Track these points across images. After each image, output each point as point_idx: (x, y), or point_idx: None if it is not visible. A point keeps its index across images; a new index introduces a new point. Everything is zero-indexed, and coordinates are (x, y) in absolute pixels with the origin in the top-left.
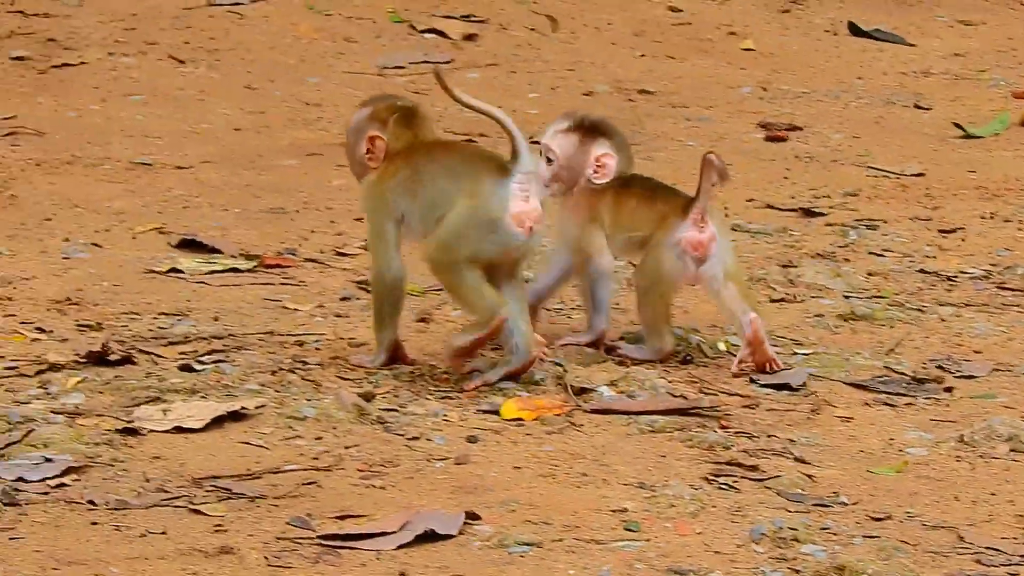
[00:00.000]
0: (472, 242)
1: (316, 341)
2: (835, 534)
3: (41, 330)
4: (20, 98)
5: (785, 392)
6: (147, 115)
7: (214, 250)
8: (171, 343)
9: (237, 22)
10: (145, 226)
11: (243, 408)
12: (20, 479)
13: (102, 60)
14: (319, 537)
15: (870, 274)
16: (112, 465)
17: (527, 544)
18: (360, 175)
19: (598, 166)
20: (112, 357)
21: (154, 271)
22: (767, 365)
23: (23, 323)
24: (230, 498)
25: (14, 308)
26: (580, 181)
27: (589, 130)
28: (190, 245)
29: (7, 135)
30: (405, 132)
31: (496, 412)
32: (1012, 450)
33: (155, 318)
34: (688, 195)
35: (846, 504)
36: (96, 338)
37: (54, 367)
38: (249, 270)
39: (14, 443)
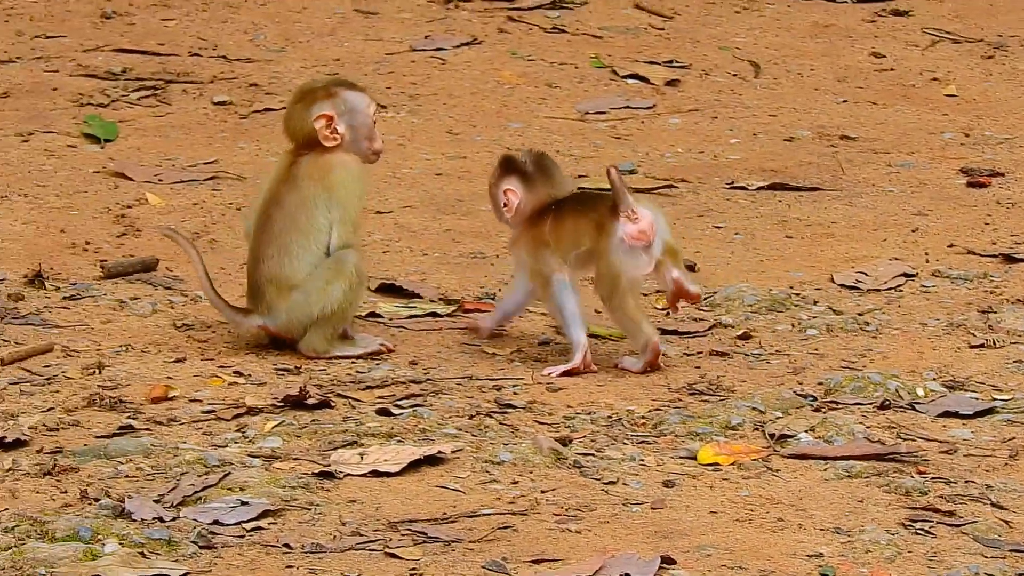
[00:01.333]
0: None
1: (514, 386)
2: None
3: (239, 374)
4: (222, 143)
5: (985, 438)
6: None
7: (413, 294)
8: (369, 387)
9: (439, 67)
10: None
11: (440, 452)
12: (216, 522)
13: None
14: None
15: None
16: (308, 509)
17: None
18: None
19: (505, 202)
20: (310, 401)
21: (354, 316)
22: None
23: (221, 367)
24: (426, 542)
25: (212, 352)
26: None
27: (501, 167)
28: (389, 290)
29: (208, 179)
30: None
31: (693, 457)
32: None
33: (353, 362)
34: (610, 196)
35: None
36: (294, 382)
37: (252, 411)
38: (448, 314)
39: (211, 486)
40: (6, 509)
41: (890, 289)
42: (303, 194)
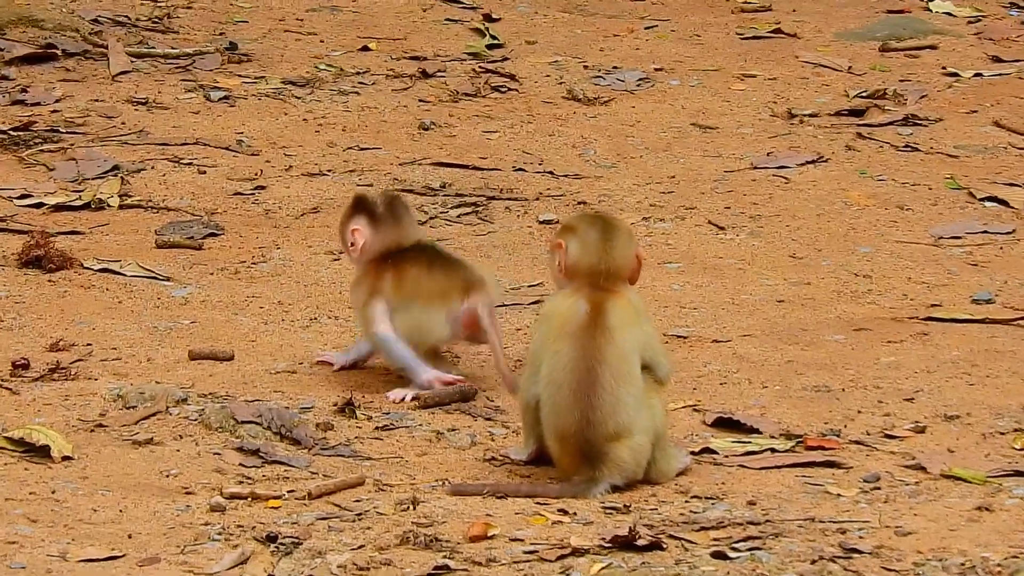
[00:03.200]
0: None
1: (859, 529)
2: None
3: (564, 512)
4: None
5: None
6: (684, 284)
7: (752, 429)
8: (703, 528)
9: (782, 187)
10: (678, 402)
11: None
12: None
13: (636, 225)
14: None
15: None
16: None
17: None
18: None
19: (352, 241)
20: (640, 542)
21: (691, 452)
22: None
23: (544, 504)
24: None
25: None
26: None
27: (352, 206)
28: (726, 424)
29: (533, 303)
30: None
31: None
32: None
33: (687, 501)
34: (473, 275)
35: None
36: (623, 522)
37: (577, 552)
38: (789, 450)
39: None
40: None
41: None
42: (622, 346)
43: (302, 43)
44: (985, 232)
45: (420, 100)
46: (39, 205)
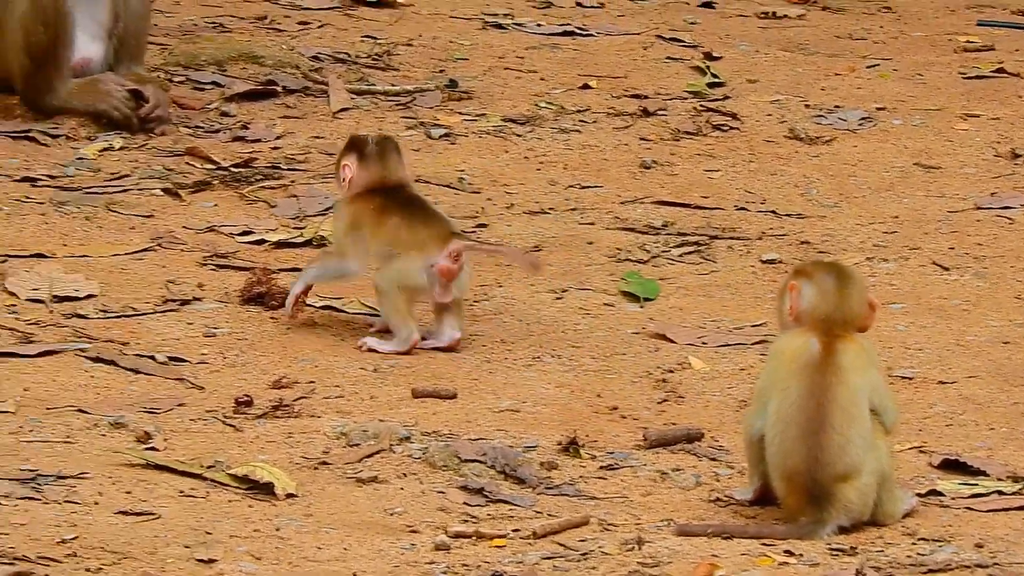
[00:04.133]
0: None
1: None
2: None
3: (790, 553)
4: (770, 303)
5: None
6: (908, 325)
7: (979, 472)
8: (931, 571)
9: (1007, 227)
10: (904, 444)
11: None
12: None
13: (860, 265)
14: None
15: None
16: None
17: None
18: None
19: (343, 176)
20: None
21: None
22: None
23: (770, 545)
24: None
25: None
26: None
27: (347, 143)
28: (953, 466)
29: (756, 343)
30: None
31: None
32: None
33: (914, 543)
34: (453, 227)
35: None
36: (849, 563)
37: None
38: (1016, 493)
39: None
40: None
41: None
42: (852, 387)
43: (522, 81)
44: None
45: (641, 138)
46: (261, 242)
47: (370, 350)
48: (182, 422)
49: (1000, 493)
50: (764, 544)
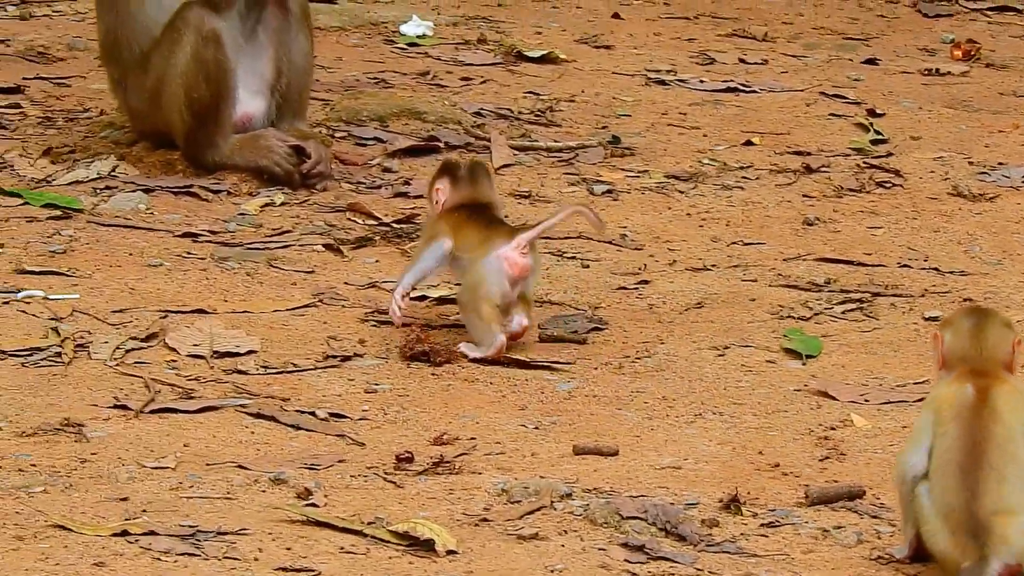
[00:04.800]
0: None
1: None
2: None
3: None
4: (934, 361)
5: None
6: None
7: None
8: None
9: None
10: None
11: None
12: None
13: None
14: None
15: None
16: None
17: None
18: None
19: (436, 199)
20: None
21: None
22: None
23: None
24: None
25: None
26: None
27: (440, 168)
28: None
29: (919, 400)
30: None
31: None
32: None
33: None
34: (517, 227)
35: None
36: None
37: None
38: None
39: None
40: None
41: None
42: (1008, 425)
43: (685, 137)
44: None
45: (804, 195)
46: (422, 298)
47: (463, 355)
48: (343, 478)
49: None
50: None
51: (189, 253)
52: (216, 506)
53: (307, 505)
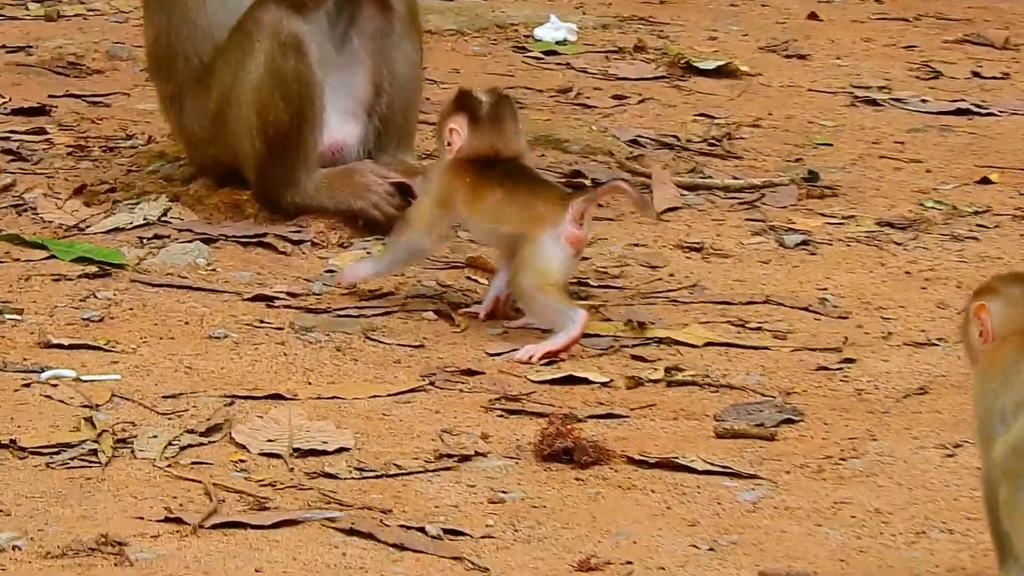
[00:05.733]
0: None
1: None
2: None
3: None
4: None
5: None
6: None
7: None
8: None
9: None
10: None
11: None
12: None
13: None
14: None
15: None
16: None
17: None
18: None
19: (448, 140)
20: None
21: None
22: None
23: None
24: None
25: None
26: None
27: (455, 100)
28: None
29: None
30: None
31: None
32: None
33: None
34: (564, 190)
35: None
36: None
37: None
38: None
39: None
40: None
41: None
42: None
43: (902, 173)
44: None
45: None
46: (565, 380)
47: (540, 359)
48: None
49: None
50: None
51: (262, 322)
52: None
53: None
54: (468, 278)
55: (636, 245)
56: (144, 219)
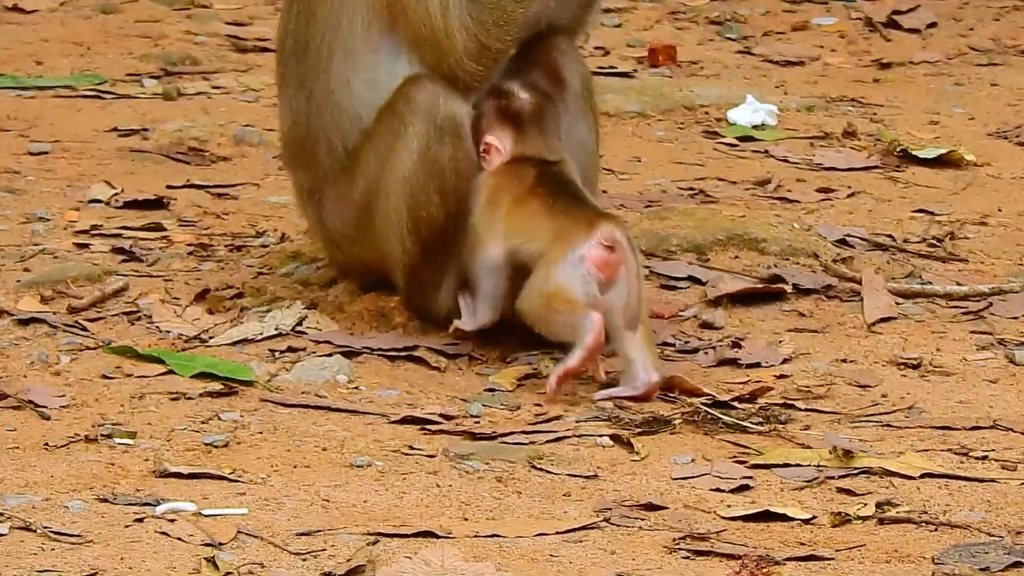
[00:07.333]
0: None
1: None
2: None
3: None
4: None
5: None
6: None
7: None
8: None
9: None
10: None
11: None
12: None
13: None
14: None
15: None
16: None
17: None
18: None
19: (484, 151)
20: None
21: None
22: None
23: None
24: None
25: None
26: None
27: (498, 110)
28: None
29: None
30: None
31: None
32: None
33: None
34: (600, 210)
35: None
36: None
37: None
38: None
39: None
40: None
41: None
42: None
43: None
44: None
45: None
46: (762, 516)
47: (557, 383)
48: None
49: None
50: None
51: (412, 448)
52: None
53: None
54: (660, 397)
55: (844, 361)
56: (276, 329)
